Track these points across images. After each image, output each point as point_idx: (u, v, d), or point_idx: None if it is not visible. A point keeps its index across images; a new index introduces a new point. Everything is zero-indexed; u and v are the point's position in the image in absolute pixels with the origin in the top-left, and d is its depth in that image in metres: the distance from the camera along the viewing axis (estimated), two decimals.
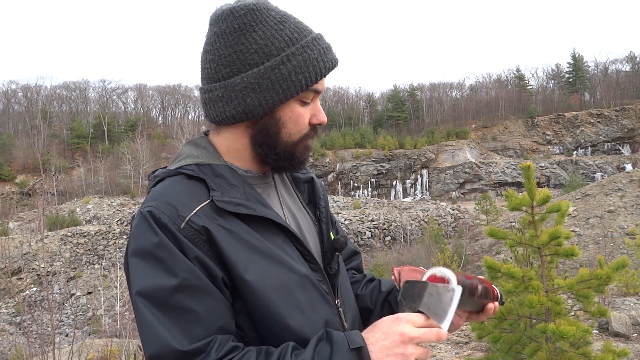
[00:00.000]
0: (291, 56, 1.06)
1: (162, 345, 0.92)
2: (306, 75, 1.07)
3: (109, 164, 62.00)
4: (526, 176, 3.77)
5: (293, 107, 1.10)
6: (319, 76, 1.09)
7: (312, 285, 1.09)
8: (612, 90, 74.49)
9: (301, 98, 1.10)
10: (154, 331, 0.93)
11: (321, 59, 1.09)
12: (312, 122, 1.13)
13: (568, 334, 3.29)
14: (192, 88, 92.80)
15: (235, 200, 1.05)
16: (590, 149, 67.90)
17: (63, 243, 33.62)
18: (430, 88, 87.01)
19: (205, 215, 1.02)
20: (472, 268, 27.46)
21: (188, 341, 0.92)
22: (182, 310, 0.94)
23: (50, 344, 6.27)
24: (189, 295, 0.95)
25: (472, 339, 8.73)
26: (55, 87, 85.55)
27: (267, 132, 1.11)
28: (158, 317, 0.94)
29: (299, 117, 1.11)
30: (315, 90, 1.10)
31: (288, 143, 1.12)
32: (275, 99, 1.07)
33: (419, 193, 64.98)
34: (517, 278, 3.73)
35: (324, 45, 1.11)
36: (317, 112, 1.13)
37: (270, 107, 1.08)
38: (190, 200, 1.03)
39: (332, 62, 1.11)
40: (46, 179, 45.37)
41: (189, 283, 0.95)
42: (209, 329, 0.95)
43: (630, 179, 31.76)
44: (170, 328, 0.93)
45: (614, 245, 24.37)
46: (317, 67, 1.08)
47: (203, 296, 0.96)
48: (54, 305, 21.34)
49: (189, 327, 0.93)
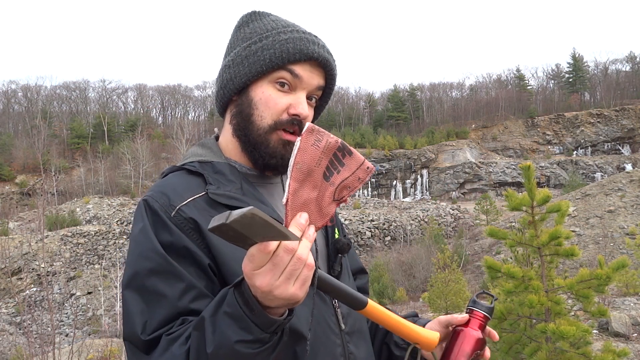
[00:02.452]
0: (264, 37, 1.12)
1: (131, 330, 0.97)
2: (271, 52, 1.09)
3: (109, 164, 62.00)
4: (526, 176, 3.78)
5: (265, 88, 1.11)
6: (287, 55, 1.09)
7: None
8: (612, 90, 74.50)
9: (275, 80, 1.11)
10: (128, 314, 0.98)
11: (293, 42, 1.10)
12: (290, 112, 1.11)
13: (568, 334, 3.29)
14: (192, 88, 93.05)
15: (230, 193, 1.08)
16: (590, 149, 67.90)
17: (63, 243, 33.63)
18: (430, 88, 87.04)
19: (196, 207, 1.05)
20: (472, 268, 27.48)
21: (154, 327, 0.95)
22: (155, 294, 0.97)
23: (50, 344, 6.28)
24: (162, 279, 0.98)
25: None
26: (55, 87, 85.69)
27: (242, 114, 1.13)
28: (133, 299, 0.98)
29: (269, 99, 1.11)
30: (291, 71, 1.10)
31: (260, 127, 1.11)
32: (242, 72, 1.12)
33: (419, 193, 64.99)
34: (517, 278, 3.73)
35: (305, 36, 1.12)
36: (296, 103, 1.11)
37: (238, 81, 1.12)
38: (185, 192, 1.07)
39: (309, 51, 1.11)
40: (46, 179, 45.39)
41: (162, 268, 0.98)
42: (175, 313, 0.97)
43: (630, 179, 31.77)
44: (142, 312, 0.97)
45: (614, 245, 24.38)
46: (285, 47, 1.10)
47: (174, 281, 0.98)
48: (54, 305, 21.34)
49: (159, 311, 0.96)
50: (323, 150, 0.90)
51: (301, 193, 0.88)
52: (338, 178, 0.90)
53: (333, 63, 1.17)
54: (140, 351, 0.96)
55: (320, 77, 1.15)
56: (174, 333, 0.93)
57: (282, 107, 1.11)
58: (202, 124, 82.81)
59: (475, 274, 25.59)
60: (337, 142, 0.92)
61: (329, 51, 1.17)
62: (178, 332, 0.93)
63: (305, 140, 0.89)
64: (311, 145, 0.89)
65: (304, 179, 0.88)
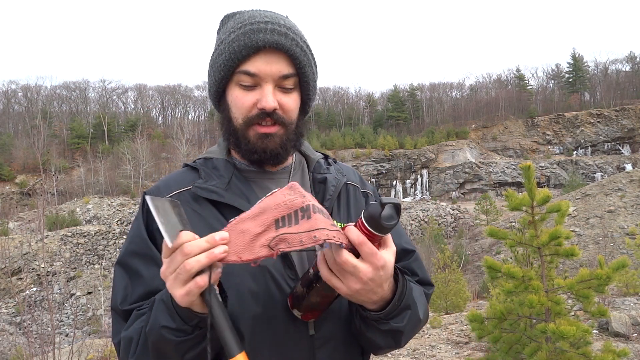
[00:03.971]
0: (221, 43, 1.16)
1: (114, 300, 1.11)
2: (224, 57, 1.14)
3: (109, 164, 62.01)
4: (526, 176, 3.78)
5: (233, 91, 1.15)
6: (235, 55, 1.11)
7: (269, 276, 1.09)
8: (612, 90, 74.51)
9: (237, 81, 1.14)
10: (115, 287, 1.13)
11: (238, 40, 1.12)
12: (258, 107, 1.13)
13: (568, 334, 3.29)
14: (192, 88, 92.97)
15: (211, 187, 1.15)
16: (590, 149, 67.90)
17: (63, 243, 33.63)
18: (430, 88, 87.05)
19: (180, 199, 1.12)
20: (472, 268, 27.48)
21: (131, 301, 1.09)
22: (136, 273, 1.11)
23: (50, 344, 6.28)
24: (142, 261, 1.11)
25: (472, 339, 8.74)
26: (55, 87, 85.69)
27: (225, 119, 1.20)
28: (120, 275, 1.13)
29: (237, 100, 1.15)
30: (245, 72, 1.11)
31: (237, 127, 1.16)
32: (212, 81, 1.19)
33: (419, 193, 65.00)
34: (517, 278, 3.73)
35: (253, 27, 1.11)
36: (261, 96, 1.12)
37: (213, 90, 1.20)
38: (174, 185, 1.19)
39: (253, 42, 1.10)
40: (46, 179, 45.38)
41: (143, 251, 1.12)
42: (148, 291, 1.09)
43: (630, 179, 31.77)
44: (126, 287, 1.11)
45: (614, 245, 24.37)
46: (232, 48, 1.12)
47: (151, 264, 1.09)
48: (54, 305, 21.32)
49: (136, 289, 1.09)
50: (287, 202, 0.94)
51: (247, 223, 0.93)
52: (283, 230, 0.91)
53: (289, 43, 1.11)
54: (120, 318, 1.10)
55: (281, 63, 1.12)
56: (142, 309, 1.06)
57: (249, 104, 1.13)
58: (202, 124, 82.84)
59: (475, 274, 25.58)
60: (303, 204, 0.94)
61: (285, 32, 1.12)
62: (145, 309, 1.06)
63: (281, 191, 0.96)
64: (282, 195, 0.95)
65: (258, 215, 0.93)
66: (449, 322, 10.68)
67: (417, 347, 8.65)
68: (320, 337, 1.11)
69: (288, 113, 1.16)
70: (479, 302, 15.51)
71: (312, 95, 1.23)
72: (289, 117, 1.16)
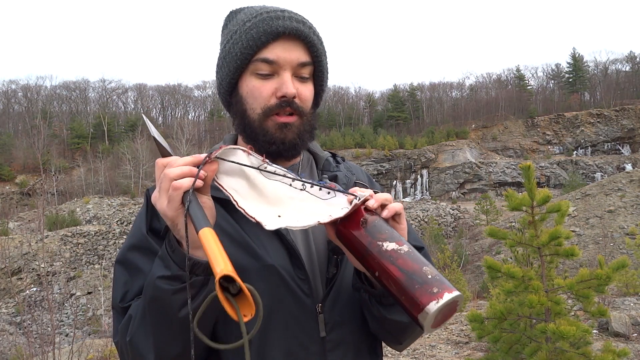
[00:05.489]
0: (234, 33, 1.12)
1: (115, 298, 1.09)
2: (240, 44, 1.10)
3: (109, 164, 62.02)
4: (526, 176, 3.78)
5: (248, 82, 1.12)
6: (253, 42, 1.08)
7: (278, 277, 1.07)
8: (612, 90, 74.51)
9: (254, 70, 1.10)
10: (114, 285, 1.11)
11: (256, 27, 1.09)
12: (277, 95, 1.10)
13: (568, 334, 3.29)
14: (192, 88, 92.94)
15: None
16: (590, 149, 67.89)
17: (63, 243, 33.63)
18: (430, 88, 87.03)
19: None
20: (472, 268, 27.47)
21: (131, 297, 1.07)
22: (135, 267, 1.09)
23: (50, 344, 6.28)
24: (141, 254, 1.09)
25: (472, 339, 8.73)
26: (55, 87, 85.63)
27: (238, 113, 1.15)
28: (119, 272, 1.11)
29: (254, 90, 1.11)
30: (264, 60, 1.09)
31: (255, 119, 1.12)
32: (225, 73, 1.14)
33: (419, 193, 64.99)
34: (517, 278, 3.73)
35: (270, 15, 1.10)
36: (281, 84, 1.09)
37: (225, 83, 1.16)
38: None
39: (272, 28, 1.08)
40: (46, 179, 45.35)
41: (142, 245, 1.10)
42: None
43: (630, 179, 31.76)
44: (126, 283, 1.09)
45: (614, 245, 24.36)
46: (250, 35, 1.09)
47: (151, 258, 1.05)
48: (54, 305, 21.32)
49: (136, 283, 1.07)
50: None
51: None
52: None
53: (307, 31, 1.11)
54: (120, 316, 1.07)
55: (299, 50, 1.11)
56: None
57: (267, 93, 1.10)
58: (202, 124, 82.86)
59: (475, 274, 25.57)
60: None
61: (302, 20, 1.12)
62: None
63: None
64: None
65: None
66: (449, 322, 10.69)
67: (417, 347, 8.65)
68: (332, 340, 1.10)
69: (305, 102, 1.14)
70: (479, 302, 15.50)
71: (325, 86, 1.23)
72: (306, 106, 1.14)
